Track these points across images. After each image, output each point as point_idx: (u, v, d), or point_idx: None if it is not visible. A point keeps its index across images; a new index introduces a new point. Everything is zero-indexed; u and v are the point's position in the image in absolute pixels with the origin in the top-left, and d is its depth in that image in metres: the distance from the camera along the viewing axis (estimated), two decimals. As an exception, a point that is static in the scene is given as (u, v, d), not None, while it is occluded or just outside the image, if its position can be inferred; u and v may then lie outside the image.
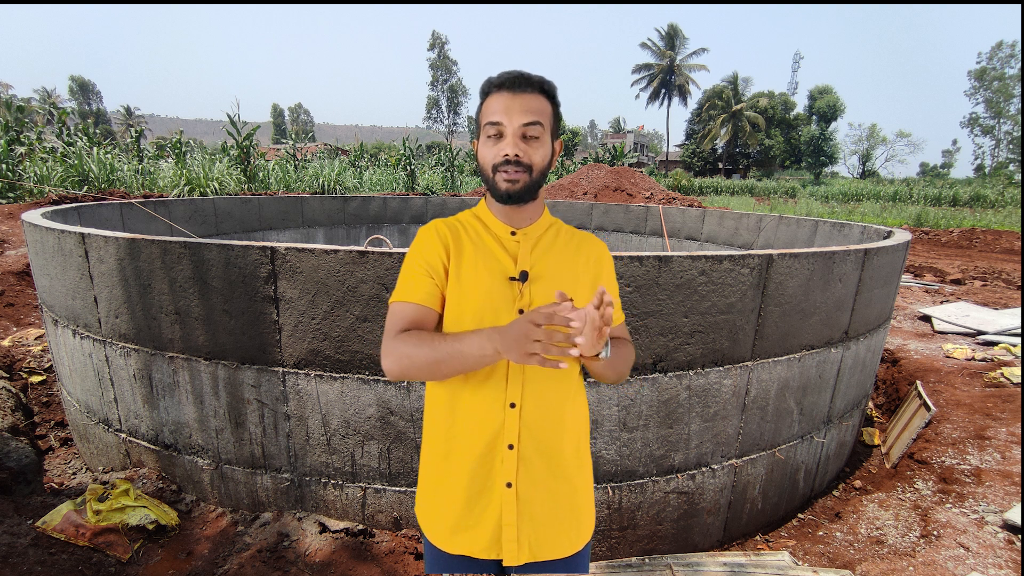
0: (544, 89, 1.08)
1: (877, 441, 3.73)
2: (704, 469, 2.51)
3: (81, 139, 13.29)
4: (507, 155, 1.05)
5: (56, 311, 2.86)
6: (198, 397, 2.45)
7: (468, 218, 1.19)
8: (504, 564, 1.12)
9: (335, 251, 2.12)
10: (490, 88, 1.08)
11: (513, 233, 1.14)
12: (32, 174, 10.35)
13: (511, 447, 1.09)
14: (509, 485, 1.09)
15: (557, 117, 1.11)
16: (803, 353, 2.63)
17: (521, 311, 1.08)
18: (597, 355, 1.01)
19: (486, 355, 0.97)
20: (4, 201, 9.63)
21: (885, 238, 3.72)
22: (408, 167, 18.53)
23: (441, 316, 1.13)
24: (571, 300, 0.92)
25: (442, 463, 1.14)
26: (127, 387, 2.61)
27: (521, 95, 1.05)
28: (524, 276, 1.10)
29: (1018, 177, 38.36)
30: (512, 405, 1.08)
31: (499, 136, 1.06)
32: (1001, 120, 51.84)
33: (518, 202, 1.10)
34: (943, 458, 3.11)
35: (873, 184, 38.98)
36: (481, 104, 1.10)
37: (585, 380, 1.23)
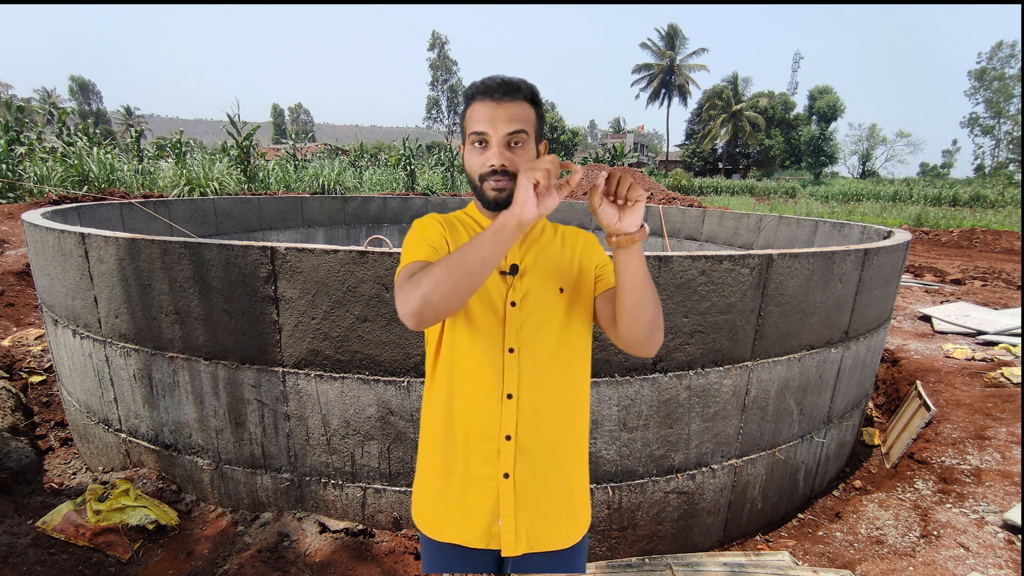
0: (527, 95, 1.08)
1: (877, 441, 3.72)
2: (704, 469, 2.51)
3: (81, 139, 13.28)
4: (493, 166, 1.06)
5: (56, 311, 2.86)
6: (198, 397, 2.45)
7: (461, 216, 1.22)
8: (503, 554, 1.13)
9: (335, 251, 2.12)
10: (474, 95, 1.08)
11: None
12: (32, 174, 10.34)
13: (508, 438, 1.10)
14: (507, 476, 1.10)
15: (540, 120, 1.12)
16: (803, 353, 2.63)
17: (513, 303, 1.10)
18: (632, 234, 0.95)
19: (506, 225, 0.91)
20: (4, 201, 9.63)
21: (885, 238, 3.72)
22: (408, 167, 18.53)
23: None
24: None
25: (438, 454, 1.15)
26: (127, 387, 2.61)
27: (504, 104, 1.05)
28: (515, 269, 1.12)
29: (1018, 177, 38.33)
30: (509, 396, 1.09)
31: (484, 145, 1.07)
32: (1001, 120, 51.81)
33: (507, 208, 1.11)
34: (943, 458, 3.11)
35: (873, 184, 38.94)
36: (465, 110, 1.11)
37: (591, 378, 1.23)
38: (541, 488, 1.13)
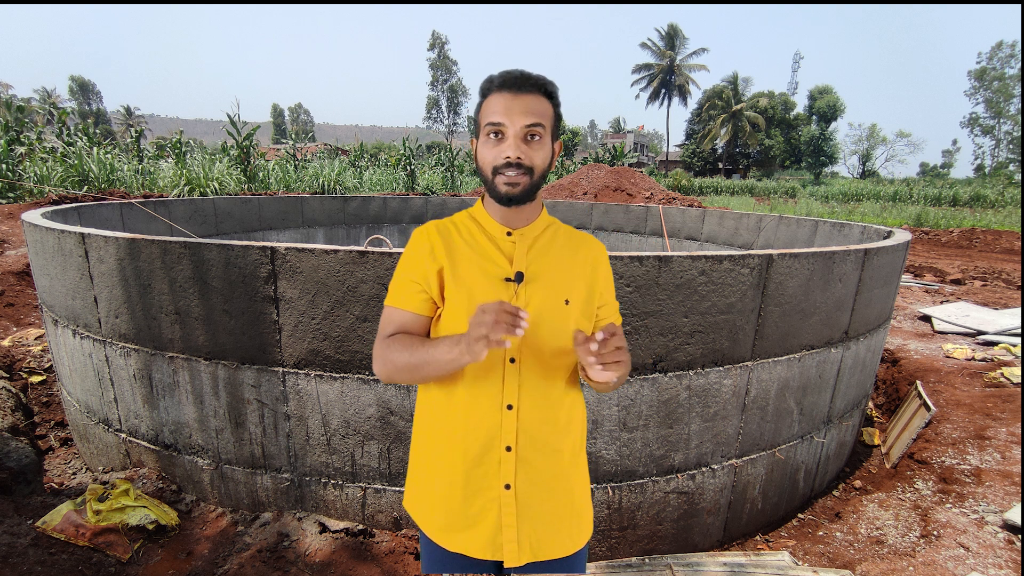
0: (546, 90, 1.06)
1: (877, 441, 3.72)
2: (704, 469, 2.51)
3: (81, 139, 13.28)
4: (508, 157, 1.03)
5: (56, 311, 2.86)
6: (198, 397, 2.45)
7: (463, 219, 1.18)
8: (505, 566, 1.11)
9: (335, 251, 2.12)
10: (491, 87, 1.06)
11: (509, 233, 1.13)
12: (32, 174, 10.35)
13: (509, 449, 1.08)
14: (508, 487, 1.09)
15: (558, 118, 1.09)
16: (803, 353, 2.63)
17: None
18: (598, 384, 1.08)
19: (454, 358, 0.98)
20: (4, 201, 9.63)
21: (885, 238, 3.72)
22: (408, 167, 18.54)
23: (438, 318, 1.13)
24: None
25: (436, 461, 1.14)
26: (127, 387, 2.61)
27: (523, 96, 1.03)
28: (520, 277, 1.09)
29: (1018, 177, 38.31)
30: (509, 407, 1.08)
31: (500, 137, 1.04)
32: (1001, 120, 51.79)
33: (518, 204, 1.09)
34: (943, 458, 3.11)
35: (873, 184, 38.93)
36: (481, 103, 1.08)
37: (581, 385, 1.22)
38: (543, 497, 1.11)
